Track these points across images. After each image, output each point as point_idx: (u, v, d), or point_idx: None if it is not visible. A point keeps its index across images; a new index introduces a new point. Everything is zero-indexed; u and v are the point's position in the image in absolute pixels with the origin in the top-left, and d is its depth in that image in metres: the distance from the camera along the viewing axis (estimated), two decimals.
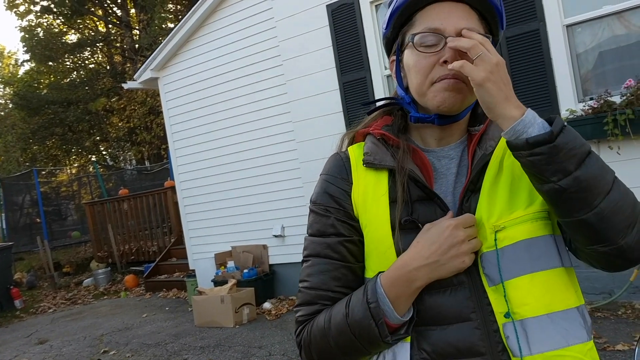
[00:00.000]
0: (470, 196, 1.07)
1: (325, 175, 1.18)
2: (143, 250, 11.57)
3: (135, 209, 11.82)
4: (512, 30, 5.20)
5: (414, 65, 1.08)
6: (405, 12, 1.10)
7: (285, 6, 6.77)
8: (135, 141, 19.55)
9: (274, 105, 7.34)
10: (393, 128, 1.17)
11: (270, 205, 7.48)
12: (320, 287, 1.11)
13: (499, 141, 1.09)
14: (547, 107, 5.05)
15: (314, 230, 1.15)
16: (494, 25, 1.12)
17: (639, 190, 4.31)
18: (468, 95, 1.06)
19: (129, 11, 21.11)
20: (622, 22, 4.88)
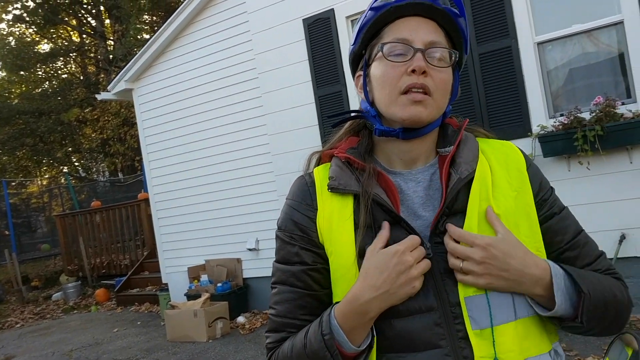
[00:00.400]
0: (444, 220, 1.06)
1: (290, 201, 1.17)
2: (115, 263, 11.38)
3: (108, 221, 11.64)
4: (485, 47, 5.29)
5: (382, 75, 1.08)
6: (374, 26, 1.11)
7: (262, 19, 6.78)
8: (109, 152, 19.32)
9: (249, 117, 7.33)
10: (358, 150, 1.15)
11: (244, 218, 7.44)
12: (286, 316, 1.12)
13: (474, 165, 1.09)
14: (519, 122, 5.14)
15: (280, 258, 1.15)
16: (459, 46, 1.14)
17: (609, 204, 4.39)
18: (434, 110, 1.08)
19: (103, 21, 20.94)
20: (591, 40, 5.00)
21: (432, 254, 1.04)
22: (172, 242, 8.44)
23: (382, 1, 1.08)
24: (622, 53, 4.81)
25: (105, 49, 20.30)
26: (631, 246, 4.74)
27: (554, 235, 1.13)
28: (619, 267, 4.71)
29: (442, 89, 1.09)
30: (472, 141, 1.15)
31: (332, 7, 6.17)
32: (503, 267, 1.00)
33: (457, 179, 1.07)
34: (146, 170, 8.84)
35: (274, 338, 1.13)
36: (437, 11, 1.08)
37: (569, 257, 1.13)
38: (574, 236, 1.16)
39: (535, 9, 5.13)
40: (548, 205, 1.14)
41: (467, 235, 1.01)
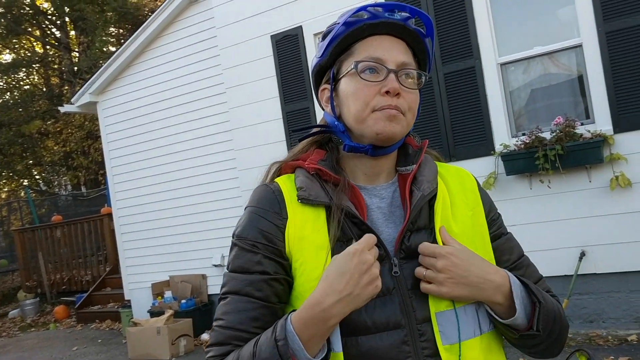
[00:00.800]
0: (410, 236, 1.07)
1: (254, 208, 1.10)
2: (76, 279, 11.09)
3: (69, 236, 11.36)
4: (449, 67, 5.39)
5: (355, 93, 1.08)
6: (345, 41, 1.11)
7: (230, 35, 6.78)
8: (72, 166, 18.92)
9: (215, 132, 7.30)
10: (328, 163, 1.14)
11: (210, 233, 7.36)
12: (235, 327, 1.03)
13: (435, 184, 1.12)
14: (483, 141, 5.24)
15: (236, 266, 1.07)
16: (423, 65, 1.18)
17: (569, 222, 4.48)
18: (404, 128, 1.10)
19: (68, 33, 20.62)
20: (552, 62, 5.15)
21: (399, 272, 1.05)
22: (136, 258, 8.29)
23: (355, 17, 1.08)
24: (581, 75, 4.96)
25: (70, 60, 19.96)
26: (590, 263, 4.85)
27: (502, 254, 1.17)
28: (579, 284, 4.83)
29: (412, 110, 1.11)
30: (432, 162, 1.18)
31: (300, 25, 6.22)
32: (464, 274, 1.01)
33: (420, 195, 1.08)
34: (110, 184, 8.70)
35: (218, 351, 1.05)
36: (408, 32, 1.11)
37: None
38: (519, 257, 1.21)
39: (498, 31, 5.26)
40: (497, 226, 1.19)
41: (430, 247, 1.03)
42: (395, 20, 1.08)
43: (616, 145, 4.68)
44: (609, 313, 4.90)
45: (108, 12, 17.50)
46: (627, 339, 4.62)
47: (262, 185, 1.15)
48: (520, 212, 5.06)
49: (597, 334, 4.82)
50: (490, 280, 1.03)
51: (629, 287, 4.81)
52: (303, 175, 1.12)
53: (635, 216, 4.68)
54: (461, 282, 1.01)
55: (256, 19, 6.56)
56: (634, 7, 4.60)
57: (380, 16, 1.08)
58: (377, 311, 1.02)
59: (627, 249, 4.72)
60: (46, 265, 11.48)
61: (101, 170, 16.63)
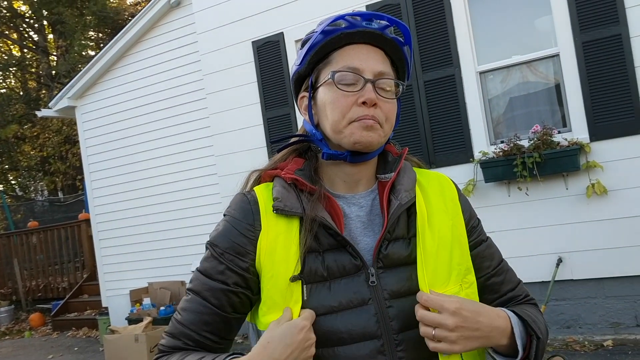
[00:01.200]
0: (387, 245, 1.07)
1: (229, 217, 1.11)
2: (52, 286, 10.91)
3: (46, 242, 11.18)
4: (430, 75, 5.44)
5: (332, 103, 1.08)
6: (323, 49, 1.10)
7: (211, 40, 6.77)
8: (49, 171, 18.65)
9: (196, 138, 7.26)
10: (305, 172, 1.13)
11: (189, 240, 7.31)
12: (187, 326, 1.08)
13: (413, 193, 1.11)
14: (462, 148, 5.29)
15: (203, 269, 1.10)
16: (402, 74, 1.17)
17: (546, 228, 4.54)
18: (382, 137, 1.10)
19: (46, 36, 20.37)
20: (530, 71, 5.23)
21: (376, 281, 1.05)
22: (114, 264, 8.20)
23: (333, 26, 1.08)
24: (559, 84, 5.04)
25: (48, 64, 19.72)
26: (568, 269, 4.92)
27: (483, 260, 1.18)
28: (556, 290, 4.90)
29: (390, 120, 1.11)
30: (410, 170, 1.17)
31: (281, 31, 6.23)
32: (475, 326, 0.99)
33: (397, 204, 1.08)
34: (88, 189, 8.60)
35: (169, 342, 1.10)
36: (385, 41, 1.11)
37: (495, 282, 1.18)
38: (499, 263, 1.21)
39: (478, 40, 5.33)
40: (477, 233, 1.19)
41: (436, 300, 0.99)
42: (373, 29, 1.08)
43: (592, 153, 4.76)
44: (586, 319, 4.97)
45: (87, 15, 17.35)
46: (603, 344, 4.68)
47: (241, 194, 1.15)
48: (498, 219, 5.12)
49: (574, 339, 4.88)
50: (497, 327, 1.02)
51: (605, 293, 4.88)
52: (280, 185, 1.12)
53: (611, 223, 4.76)
54: (473, 336, 0.99)
55: (237, 24, 6.55)
56: (609, 18, 4.70)
57: (357, 25, 1.08)
58: (354, 322, 1.03)
59: (603, 255, 4.80)
60: (21, 271, 11.28)
61: (79, 175, 16.42)
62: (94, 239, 8.62)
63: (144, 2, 19.51)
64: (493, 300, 1.18)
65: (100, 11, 16.74)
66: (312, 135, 1.16)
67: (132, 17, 15.46)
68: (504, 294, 1.19)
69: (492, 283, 1.18)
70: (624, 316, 4.83)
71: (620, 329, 4.82)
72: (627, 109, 4.67)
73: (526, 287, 1.26)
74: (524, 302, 1.21)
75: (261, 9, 6.37)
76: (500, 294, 1.19)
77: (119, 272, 8.14)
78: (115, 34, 8.77)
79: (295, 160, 1.17)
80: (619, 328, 4.83)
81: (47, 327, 9.91)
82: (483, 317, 1.01)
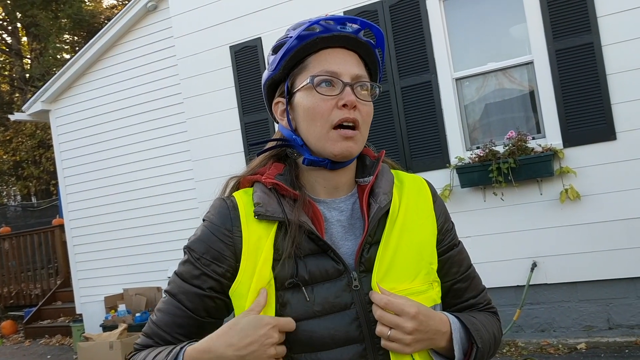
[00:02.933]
0: (369, 249, 1.08)
1: (207, 223, 1.11)
2: (24, 293, 10.71)
3: (18, 248, 10.98)
4: (407, 81, 5.49)
5: (312, 108, 1.08)
6: (298, 54, 1.11)
7: (188, 44, 6.73)
8: (22, 175, 18.35)
9: (173, 143, 7.21)
10: (286, 177, 1.13)
11: (165, 245, 7.24)
12: (161, 327, 1.10)
13: (391, 196, 1.12)
14: (439, 154, 5.34)
15: (180, 271, 1.11)
16: (374, 76, 1.19)
17: (521, 233, 4.61)
18: (361, 143, 1.11)
19: (20, 39, 20.08)
20: (505, 77, 5.31)
21: (359, 285, 1.05)
22: (88, 270, 8.08)
23: (307, 31, 1.08)
24: (533, 91, 5.12)
25: (22, 67, 19.44)
26: (542, 274, 4.99)
27: (452, 266, 1.19)
28: (530, 294, 4.96)
29: (367, 122, 1.12)
30: (388, 172, 1.18)
31: (259, 36, 6.22)
32: (426, 330, 1.03)
33: (377, 207, 1.09)
34: (62, 194, 8.47)
35: (143, 342, 1.12)
36: (359, 44, 1.12)
37: (460, 288, 1.20)
38: (467, 269, 1.23)
39: (454, 47, 5.39)
40: (451, 237, 1.21)
41: (396, 304, 1.01)
42: (347, 33, 1.09)
43: (566, 159, 4.85)
44: (560, 322, 5.04)
45: (62, 18, 17.15)
46: (576, 347, 4.75)
47: (220, 199, 1.14)
48: (474, 223, 5.17)
49: (548, 342, 4.94)
50: (441, 332, 1.06)
51: (578, 297, 4.96)
52: (260, 190, 1.11)
53: (584, 228, 4.84)
54: (423, 338, 1.03)
55: (215, 29, 6.53)
56: (582, 27, 4.79)
57: (332, 29, 1.08)
58: (336, 326, 1.03)
59: (577, 259, 4.88)
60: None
61: (53, 180, 16.17)
62: (68, 245, 8.48)
63: (121, 6, 19.35)
64: (454, 304, 1.20)
65: (75, 14, 16.55)
66: (291, 140, 1.15)
67: (108, 20, 15.31)
68: (466, 300, 1.21)
69: (457, 288, 1.20)
70: (597, 319, 4.91)
71: (593, 332, 4.90)
72: (599, 116, 4.76)
73: (502, 295, 1.29)
74: (484, 309, 1.23)
75: (239, 14, 6.36)
76: (462, 300, 1.21)
77: (93, 278, 8.03)
78: (91, 38, 8.67)
79: (276, 165, 1.17)
80: (592, 331, 4.91)
81: (19, 335, 9.71)
82: (433, 322, 1.04)
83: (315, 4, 5.82)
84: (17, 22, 19.27)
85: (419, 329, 1.01)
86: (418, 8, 5.43)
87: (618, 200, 4.72)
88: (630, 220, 4.69)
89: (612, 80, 4.72)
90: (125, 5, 12.03)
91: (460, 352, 1.08)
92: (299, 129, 1.13)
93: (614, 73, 4.72)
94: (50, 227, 10.89)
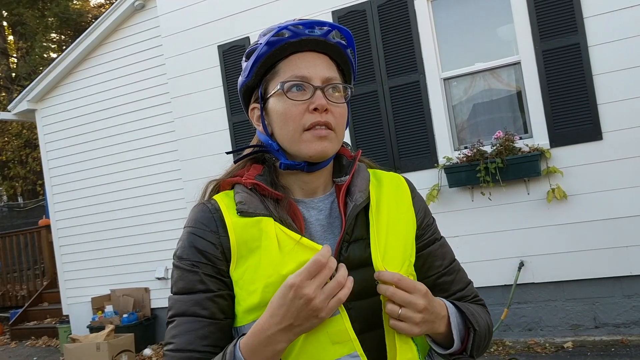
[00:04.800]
0: (347, 247, 1.08)
1: (191, 228, 1.10)
2: (10, 294, 10.61)
3: (4, 249, 10.88)
4: (395, 81, 5.49)
5: (284, 113, 1.09)
6: (269, 60, 1.12)
7: (176, 44, 6.70)
8: (8, 175, 18.17)
9: (160, 142, 7.17)
10: (266, 178, 1.14)
11: (153, 246, 7.20)
12: (186, 348, 1.03)
13: (367, 193, 1.13)
14: (427, 154, 5.35)
15: (179, 288, 1.07)
16: (348, 76, 1.19)
17: (509, 233, 4.63)
18: (336, 143, 1.12)
19: (6, 37, 19.89)
20: (494, 78, 5.33)
21: None
22: (75, 271, 8.02)
23: (276, 37, 1.09)
24: (520, 91, 5.15)
25: (7, 66, 19.26)
26: (529, 273, 5.01)
27: (435, 259, 1.20)
28: (518, 293, 4.98)
29: (341, 123, 1.12)
30: (364, 171, 1.19)
31: (247, 35, 6.21)
32: (432, 310, 1.02)
33: (352, 205, 1.10)
34: (48, 195, 8.40)
35: None
36: (329, 46, 1.12)
37: (446, 281, 1.21)
38: (451, 262, 1.24)
39: (442, 47, 5.41)
40: (431, 231, 1.22)
41: (408, 282, 1.00)
42: (316, 37, 1.10)
43: (553, 159, 4.88)
44: (547, 321, 5.07)
45: (49, 17, 17.01)
46: (563, 346, 4.79)
47: (199, 204, 1.15)
48: (462, 223, 5.19)
49: (535, 341, 4.97)
50: (441, 315, 1.06)
51: (565, 296, 4.99)
52: (242, 190, 1.12)
53: (570, 227, 4.87)
54: (429, 320, 1.02)
55: (203, 28, 6.50)
56: (568, 28, 4.83)
57: (301, 34, 1.09)
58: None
59: (563, 259, 4.91)
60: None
61: (40, 180, 16.02)
62: (54, 246, 8.42)
63: (108, 5, 19.23)
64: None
65: (62, 13, 16.43)
66: (268, 145, 1.16)
67: (95, 19, 15.22)
68: (454, 293, 1.22)
69: (442, 282, 1.20)
70: (583, 318, 4.94)
71: (579, 331, 4.94)
72: (585, 116, 4.80)
73: (489, 294, 1.29)
74: (472, 302, 1.24)
75: (227, 13, 6.34)
76: (449, 293, 1.21)
77: (80, 279, 7.96)
78: (77, 36, 8.61)
79: (255, 166, 1.18)
80: (578, 330, 4.95)
81: (5, 337, 9.63)
82: (436, 303, 1.05)
83: (303, 4, 5.82)
84: (3, 21, 19.09)
85: (428, 309, 1.01)
86: (406, 8, 5.44)
87: (604, 200, 4.76)
88: (616, 219, 4.73)
89: (598, 81, 4.76)
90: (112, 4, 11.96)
91: (458, 338, 1.09)
92: (274, 134, 1.14)
93: (600, 74, 4.75)
94: (37, 228, 10.80)
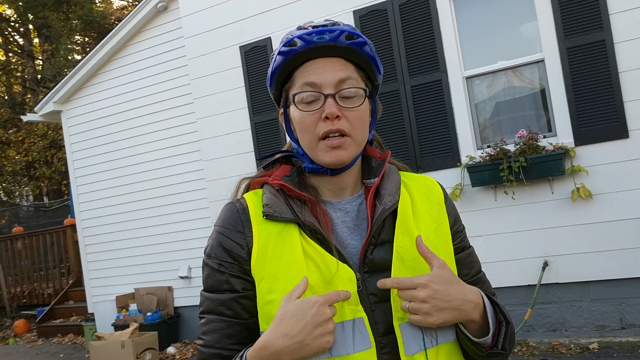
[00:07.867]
0: (373, 249, 1.08)
1: (219, 227, 1.13)
2: (37, 292, 10.81)
3: (31, 248, 11.07)
4: (417, 80, 5.47)
5: (300, 122, 1.11)
6: (285, 70, 1.13)
7: (198, 45, 6.76)
8: (34, 176, 18.47)
9: (183, 143, 7.24)
10: (292, 179, 1.16)
11: (176, 245, 7.27)
12: (214, 346, 1.08)
13: (397, 197, 1.13)
14: (449, 153, 5.32)
15: (208, 286, 1.11)
16: (370, 72, 1.17)
17: (532, 232, 4.58)
18: (354, 149, 1.11)
19: (32, 40, 20.23)
20: (516, 76, 5.28)
21: (362, 286, 1.06)
22: (100, 270, 8.13)
23: (288, 47, 1.10)
24: (544, 89, 5.09)
25: (33, 68, 19.57)
26: (553, 273, 4.96)
27: (462, 267, 1.19)
28: (542, 293, 4.93)
29: (358, 127, 1.11)
30: (395, 173, 1.19)
31: (269, 36, 6.23)
32: (446, 298, 1.01)
33: (381, 209, 1.10)
34: (73, 194, 8.53)
35: None
36: (341, 49, 1.11)
37: None
38: (477, 272, 1.23)
39: (464, 46, 5.37)
40: (460, 238, 1.22)
41: (406, 280, 1.02)
42: (325, 42, 1.09)
43: (577, 157, 4.81)
44: (571, 322, 5.00)
45: (73, 20, 17.26)
46: (588, 347, 4.72)
47: (229, 203, 1.17)
48: (485, 223, 5.15)
49: (559, 342, 4.91)
50: (469, 301, 1.04)
51: (590, 296, 4.93)
52: (269, 191, 1.14)
53: (596, 227, 4.80)
54: (445, 307, 1.01)
55: (225, 29, 6.55)
56: (593, 24, 4.76)
57: (310, 42, 1.09)
58: None
59: (588, 258, 4.84)
60: (6, 278, 11.16)
61: (65, 180, 16.27)
62: (79, 245, 8.54)
63: (131, 7, 19.44)
64: None
65: (86, 15, 16.66)
66: (295, 149, 1.19)
67: (118, 21, 15.40)
68: None
69: None
70: (609, 319, 4.87)
71: (605, 332, 4.87)
72: (611, 114, 4.73)
73: (514, 294, 1.28)
74: None
75: (248, 14, 6.38)
76: None
77: (105, 277, 8.07)
78: (101, 38, 8.72)
79: (283, 167, 1.19)
80: (604, 331, 4.88)
81: (32, 334, 9.79)
82: (454, 290, 1.03)
83: (324, 4, 5.82)
84: (28, 24, 19.40)
85: (434, 297, 1.00)
86: (428, 6, 5.41)
87: (630, 199, 4.68)
88: None
89: (624, 78, 4.68)
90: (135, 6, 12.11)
91: (493, 324, 1.08)
92: (299, 140, 1.16)
93: (626, 71, 4.68)
94: (62, 227, 10.97)
